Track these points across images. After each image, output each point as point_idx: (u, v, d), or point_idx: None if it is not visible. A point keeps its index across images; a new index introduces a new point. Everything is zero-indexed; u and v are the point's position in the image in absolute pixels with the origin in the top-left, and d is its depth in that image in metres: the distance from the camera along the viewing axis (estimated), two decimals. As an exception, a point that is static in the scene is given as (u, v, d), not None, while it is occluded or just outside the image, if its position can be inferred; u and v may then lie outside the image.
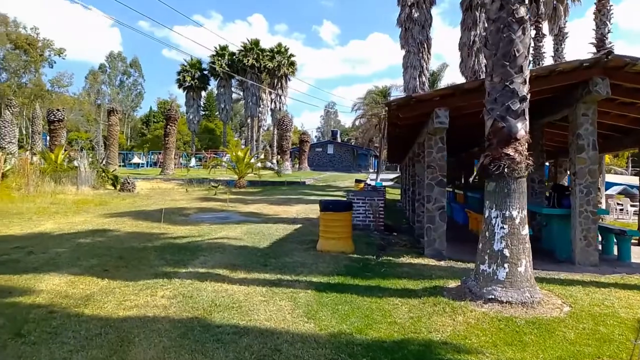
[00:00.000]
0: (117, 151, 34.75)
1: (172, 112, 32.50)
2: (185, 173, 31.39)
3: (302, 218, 12.16)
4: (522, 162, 4.59)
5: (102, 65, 72.23)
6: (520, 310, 4.44)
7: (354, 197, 10.55)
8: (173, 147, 32.84)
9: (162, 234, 9.01)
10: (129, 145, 70.36)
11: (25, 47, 49.65)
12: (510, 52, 4.61)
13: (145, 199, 17.16)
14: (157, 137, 64.09)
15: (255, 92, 50.17)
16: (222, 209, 14.23)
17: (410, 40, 23.98)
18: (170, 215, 11.47)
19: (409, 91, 24.46)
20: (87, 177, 21.10)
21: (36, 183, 16.81)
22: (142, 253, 7.06)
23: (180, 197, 18.41)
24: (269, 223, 11.01)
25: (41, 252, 6.95)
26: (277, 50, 50.14)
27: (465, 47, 23.40)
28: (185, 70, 51.86)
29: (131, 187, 19.43)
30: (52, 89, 55.69)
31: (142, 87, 77.38)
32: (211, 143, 67.29)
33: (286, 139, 40.57)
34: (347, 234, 7.24)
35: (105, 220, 11.02)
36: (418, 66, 24.05)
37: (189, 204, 15.74)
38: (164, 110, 64.61)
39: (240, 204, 15.76)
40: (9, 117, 28.88)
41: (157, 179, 27.85)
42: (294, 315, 4.31)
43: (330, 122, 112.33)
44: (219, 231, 9.49)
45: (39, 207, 13.53)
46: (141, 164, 49.64)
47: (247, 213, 13.20)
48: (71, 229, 9.45)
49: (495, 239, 4.66)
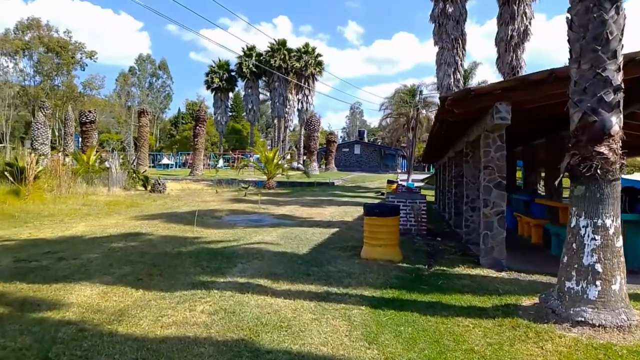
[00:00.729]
0: (147, 152, 34.99)
1: (201, 113, 32.46)
2: (214, 174, 31.29)
3: (337, 221, 11.61)
4: (617, 162, 3.93)
5: (132, 68, 73.51)
6: (617, 336, 3.78)
7: (394, 200, 9.94)
8: (202, 148, 32.84)
9: (195, 238, 8.61)
10: (158, 146, 71.38)
11: (58, 50, 50.76)
12: (601, 35, 3.95)
13: (176, 200, 16.94)
14: (186, 138, 64.79)
15: (282, 92, 50.00)
16: (254, 211, 13.82)
17: (444, 36, 23.15)
18: (202, 218, 11.10)
19: (443, 89, 23.63)
20: (119, 178, 21.10)
21: (68, 184, 16.78)
22: (176, 260, 6.64)
23: (210, 198, 18.13)
24: (303, 226, 10.51)
25: (72, 257, 6.62)
26: (305, 50, 49.83)
27: (503, 43, 22.43)
28: (213, 72, 52.10)
29: (162, 188, 19.29)
30: (84, 91, 56.80)
31: (171, 88, 78.44)
32: (238, 144, 67.56)
33: (314, 139, 40.13)
34: (394, 240, 6.66)
35: (137, 222, 10.73)
36: (452, 63, 23.21)
37: (220, 205, 15.41)
38: (193, 112, 65.19)
39: (272, 205, 15.34)
40: (41, 118, 29.33)
41: (187, 180, 27.80)
42: (352, 338, 3.76)
43: (355, 122, 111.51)
44: (254, 235, 9.05)
45: (70, 208, 13.40)
46: (170, 164, 50.09)
47: (280, 215, 12.75)
48: (103, 232, 9.16)
49: (585, 252, 4.00)
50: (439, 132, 8.96)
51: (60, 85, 53.86)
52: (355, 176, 37.59)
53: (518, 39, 22.15)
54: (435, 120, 8.97)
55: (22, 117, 55.29)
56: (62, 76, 53.72)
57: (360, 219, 12.02)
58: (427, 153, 18.21)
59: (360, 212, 13.82)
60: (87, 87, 56.84)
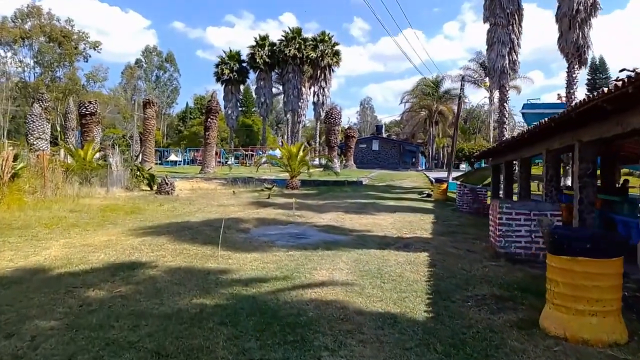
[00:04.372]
0: (153, 148, 31.98)
1: (212, 104, 29.25)
2: (227, 171, 28.28)
3: (410, 238, 8.47)
4: None
5: (138, 60, 70.69)
6: None
7: (511, 210, 6.77)
8: (214, 143, 29.74)
9: (222, 273, 5.53)
10: (166, 142, 68.54)
11: (60, 40, 47.81)
12: None
13: (187, 204, 13.88)
14: (194, 133, 61.90)
15: (296, 84, 46.89)
16: (289, 220, 10.73)
17: (498, 11, 19.84)
18: (224, 231, 7.96)
19: (495, 72, 20.37)
20: (120, 177, 18.14)
21: (56, 184, 13.79)
22: (199, 334, 3.55)
23: (228, 200, 15.06)
24: (370, 247, 7.41)
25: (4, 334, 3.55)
26: (321, 39, 46.69)
27: (566, 18, 19.13)
28: (223, 63, 49.01)
29: (170, 189, 16.25)
30: (87, 83, 53.92)
31: (178, 82, 75.50)
32: (248, 140, 64.61)
33: (334, 134, 36.83)
34: (615, 302, 3.50)
35: (135, 241, 7.65)
36: (507, 41, 19.91)
37: (242, 211, 12.33)
38: (201, 106, 62.23)
39: (308, 211, 12.23)
40: (37, 110, 26.38)
41: (197, 179, 24.78)
42: None
43: (366, 117, 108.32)
44: (307, 265, 5.96)
45: (53, 216, 10.38)
46: (178, 161, 47.12)
47: (325, 227, 9.63)
48: (83, 262, 6.10)
49: None
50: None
51: (61, 77, 50.99)
52: (377, 174, 34.37)
53: (585, 14, 18.87)
54: (584, 108, 5.75)
55: (25, 112, 52.53)
56: (64, 68, 50.82)
57: (439, 234, 8.87)
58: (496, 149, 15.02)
59: (425, 221, 10.68)
60: (91, 79, 53.97)
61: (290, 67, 46.61)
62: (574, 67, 18.92)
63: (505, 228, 6.79)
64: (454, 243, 7.95)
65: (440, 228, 9.76)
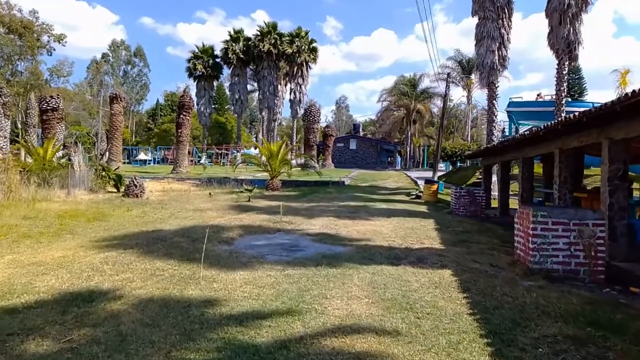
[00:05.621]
0: (121, 146, 30.06)
1: (185, 99, 27.58)
2: (201, 171, 26.75)
3: (420, 249, 7.40)
4: None
5: (105, 55, 67.67)
6: None
7: (547, 220, 5.79)
8: (187, 141, 28.09)
9: (207, 305, 4.32)
10: (134, 140, 65.92)
11: (21, 31, 44.82)
12: None
13: (159, 208, 12.47)
14: (165, 131, 59.72)
15: (272, 81, 45.46)
16: (277, 227, 9.52)
17: (488, 4, 19.06)
18: (204, 243, 6.67)
19: (485, 68, 19.60)
20: (83, 178, 16.49)
21: (9, 187, 12.17)
22: None
23: (204, 204, 13.71)
24: (379, 262, 6.30)
25: None
26: (297, 34, 45.36)
27: (557, 13, 18.51)
28: (196, 57, 47.04)
29: (139, 190, 14.75)
30: (51, 78, 50.99)
31: (148, 78, 72.76)
32: (222, 138, 62.80)
33: (313, 132, 35.59)
34: None
35: (96, 258, 6.31)
36: (497, 36, 19.15)
37: (222, 216, 11.05)
38: (172, 103, 60.01)
39: (295, 216, 11.05)
40: (-7, 106, 24.20)
41: (169, 179, 23.21)
42: None
43: (342, 117, 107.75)
44: (314, 291, 4.82)
45: (2, 224, 8.87)
46: (148, 160, 44.99)
47: (319, 236, 8.48)
48: (27, 289, 4.78)
49: None
50: None
51: (23, 71, 47.99)
52: (358, 173, 33.40)
53: (576, 8, 18.29)
54: None
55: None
56: (26, 61, 47.85)
57: (449, 244, 7.85)
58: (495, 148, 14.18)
59: (428, 227, 9.66)
60: (55, 74, 51.05)
61: (265, 63, 45.13)
62: (564, 63, 18.33)
63: (541, 240, 5.81)
64: (471, 255, 6.94)
65: (448, 236, 8.74)
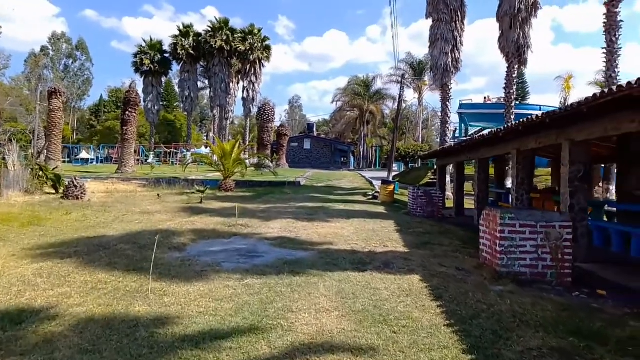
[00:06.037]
0: (60, 144, 28.08)
1: (131, 95, 26.13)
2: (149, 171, 25.48)
3: (384, 252, 7.14)
4: None
5: (44, 48, 63.58)
6: None
7: (515, 222, 5.67)
8: (133, 139, 26.64)
9: (157, 324, 3.80)
10: (76, 138, 62.35)
11: (-55, 19, 41.19)
12: None
13: (102, 211, 11.55)
14: (109, 129, 56.89)
15: (224, 78, 44.34)
16: (233, 230, 8.98)
17: (442, 6, 19.29)
18: (152, 251, 6.04)
19: (439, 70, 19.83)
20: (17, 178, 15.09)
21: None
22: None
23: (152, 206, 12.88)
24: (344, 268, 5.97)
25: None
26: (250, 31, 44.46)
27: (507, 18, 19.08)
28: (143, 52, 45.10)
29: (79, 192, 13.66)
30: (-18, 71, 47.20)
31: (91, 72, 69.00)
32: (170, 137, 60.55)
33: (267, 131, 34.93)
34: None
35: (29, 269, 5.57)
36: (450, 39, 19.43)
37: (172, 220, 10.35)
38: (117, 99, 57.25)
39: (252, 218, 10.54)
40: None
41: (113, 179, 21.86)
42: None
43: (295, 116, 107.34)
44: (277, 304, 4.41)
45: None
46: (91, 159, 42.53)
47: (278, 240, 8.04)
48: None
49: None
50: None
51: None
52: (313, 174, 33.11)
53: (526, 13, 18.90)
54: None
55: None
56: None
57: (413, 246, 7.65)
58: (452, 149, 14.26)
59: (388, 229, 9.46)
60: (-14, 67, 47.25)
61: (217, 59, 43.92)
62: (514, 67, 18.88)
63: (508, 243, 5.68)
64: (437, 259, 6.75)
65: (410, 238, 8.56)
